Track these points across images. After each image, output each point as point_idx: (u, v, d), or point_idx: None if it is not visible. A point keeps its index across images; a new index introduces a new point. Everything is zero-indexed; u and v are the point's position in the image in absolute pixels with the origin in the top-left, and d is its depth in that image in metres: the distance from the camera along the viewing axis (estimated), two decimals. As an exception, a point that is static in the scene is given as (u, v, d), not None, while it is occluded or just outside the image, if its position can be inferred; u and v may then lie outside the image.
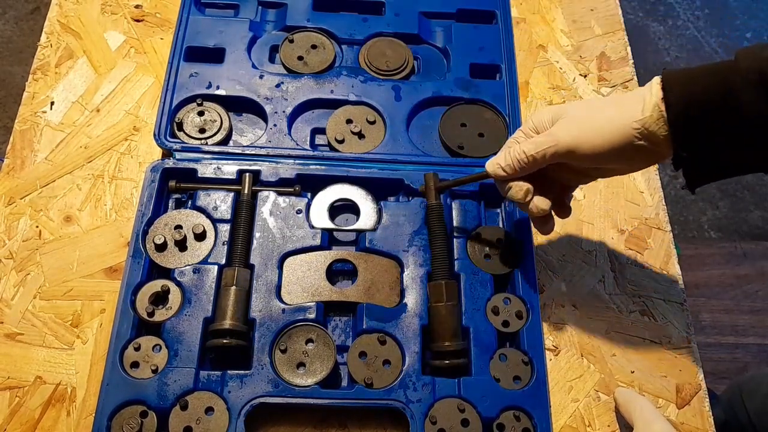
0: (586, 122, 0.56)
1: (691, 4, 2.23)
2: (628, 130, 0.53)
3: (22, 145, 0.77)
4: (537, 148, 0.58)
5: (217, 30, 0.82)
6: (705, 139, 0.52)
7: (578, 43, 0.91)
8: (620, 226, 0.78)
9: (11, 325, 0.67)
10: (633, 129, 0.53)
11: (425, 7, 0.87)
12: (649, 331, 0.72)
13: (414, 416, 0.61)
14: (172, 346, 0.63)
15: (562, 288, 0.74)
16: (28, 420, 0.63)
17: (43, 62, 0.83)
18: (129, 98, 0.81)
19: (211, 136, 0.76)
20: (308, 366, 0.63)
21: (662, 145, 0.53)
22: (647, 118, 0.52)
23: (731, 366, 1.57)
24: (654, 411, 0.61)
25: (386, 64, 0.82)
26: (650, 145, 0.53)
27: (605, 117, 0.55)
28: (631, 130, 0.53)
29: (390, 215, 0.72)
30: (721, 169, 0.55)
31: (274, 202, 0.72)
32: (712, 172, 0.55)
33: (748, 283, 1.69)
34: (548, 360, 0.68)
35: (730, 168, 0.55)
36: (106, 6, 0.88)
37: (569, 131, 0.56)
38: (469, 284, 0.68)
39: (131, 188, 0.76)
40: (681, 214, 1.87)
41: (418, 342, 0.65)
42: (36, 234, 0.72)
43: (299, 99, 0.78)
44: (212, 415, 0.60)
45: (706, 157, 0.54)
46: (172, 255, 0.68)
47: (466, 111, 0.80)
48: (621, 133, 0.54)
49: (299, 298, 0.67)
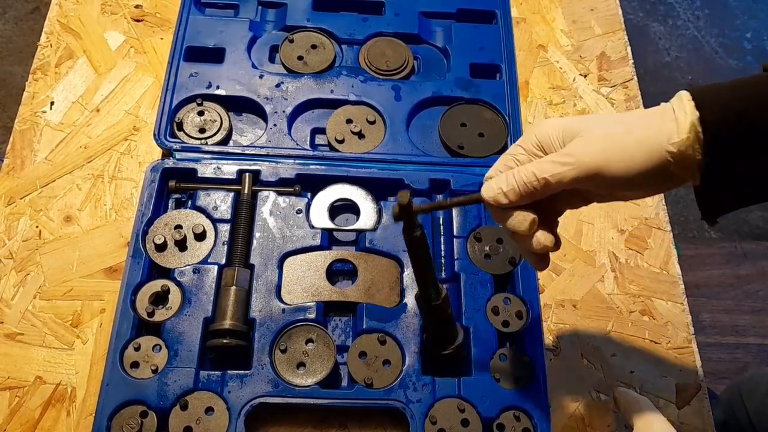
0: (613, 143, 0.49)
1: (691, 4, 2.23)
2: (662, 154, 0.47)
3: (22, 145, 0.77)
4: (553, 170, 0.49)
5: (217, 30, 0.82)
6: (741, 159, 0.46)
7: (578, 43, 0.91)
8: (620, 226, 0.78)
9: (11, 325, 0.67)
10: (667, 153, 0.46)
11: (425, 7, 0.87)
12: (649, 331, 0.72)
13: (414, 416, 0.61)
14: (172, 346, 0.63)
15: (562, 288, 0.74)
16: (28, 420, 0.63)
17: (43, 62, 0.83)
18: (129, 98, 0.81)
19: (211, 136, 0.76)
20: (308, 366, 0.63)
21: (691, 168, 0.47)
22: (684, 140, 0.46)
23: (731, 366, 1.57)
24: (654, 411, 0.61)
25: (386, 64, 0.82)
26: (680, 170, 0.47)
27: (634, 138, 0.48)
28: (665, 153, 0.46)
29: (390, 215, 0.72)
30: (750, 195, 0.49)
31: (274, 202, 0.72)
32: (739, 197, 0.49)
33: (748, 283, 1.69)
34: (548, 360, 0.68)
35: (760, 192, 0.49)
36: (106, 6, 0.88)
37: (592, 153, 0.49)
38: (469, 284, 0.68)
39: (131, 188, 0.76)
40: (681, 214, 1.87)
41: (418, 342, 0.65)
42: (36, 234, 0.72)
43: (299, 99, 0.78)
44: (212, 415, 0.60)
45: (737, 182, 0.48)
46: (172, 255, 0.68)
47: (466, 111, 0.80)
48: (654, 157, 0.47)
49: (299, 298, 0.67)
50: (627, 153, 0.48)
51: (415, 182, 0.74)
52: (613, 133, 0.49)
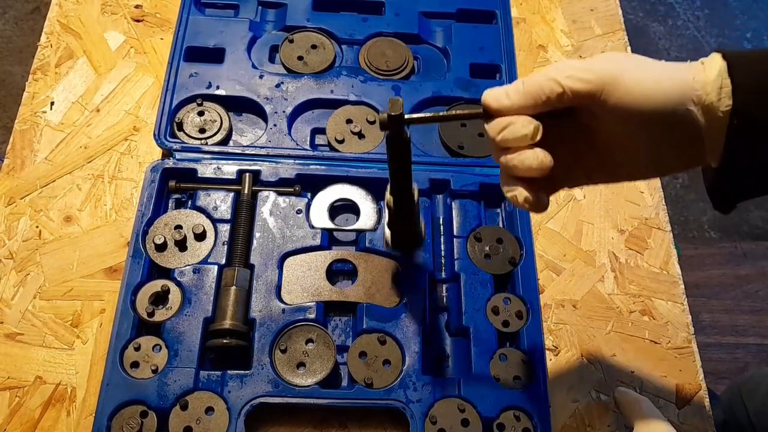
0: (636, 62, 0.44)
1: (691, 4, 2.23)
2: (687, 88, 0.42)
3: (22, 145, 0.77)
4: (564, 73, 0.44)
5: (217, 30, 0.82)
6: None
7: (578, 43, 0.91)
8: (620, 226, 0.78)
9: (11, 325, 0.67)
10: (692, 88, 0.42)
11: (425, 7, 0.87)
12: (649, 331, 0.72)
13: (414, 416, 0.61)
14: (172, 346, 0.63)
15: (562, 288, 0.74)
16: (28, 420, 0.63)
17: (43, 62, 0.83)
18: (129, 98, 0.81)
19: (211, 136, 0.76)
20: (308, 366, 0.63)
21: (713, 130, 0.42)
22: (710, 81, 0.41)
23: (731, 366, 1.57)
24: (654, 411, 0.61)
25: (386, 64, 0.82)
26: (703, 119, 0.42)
27: (660, 65, 0.44)
28: (691, 89, 0.42)
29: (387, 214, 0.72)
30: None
31: (274, 202, 0.72)
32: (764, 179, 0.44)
33: (748, 283, 1.69)
34: (548, 360, 0.68)
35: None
36: (106, 6, 0.88)
37: (611, 63, 0.44)
38: (469, 284, 0.68)
39: (131, 188, 0.76)
40: (681, 214, 1.87)
41: (418, 342, 0.65)
42: (36, 234, 0.72)
43: (299, 99, 0.78)
44: (212, 415, 0.60)
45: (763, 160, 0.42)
46: (172, 255, 0.68)
47: (466, 111, 0.80)
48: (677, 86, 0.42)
49: (299, 298, 0.67)
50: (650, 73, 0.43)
51: (416, 182, 0.73)
52: (638, 58, 0.44)
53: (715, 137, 0.42)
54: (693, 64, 0.43)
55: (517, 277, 0.70)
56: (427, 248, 0.70)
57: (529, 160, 0.45)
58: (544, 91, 0.44)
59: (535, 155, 0.44)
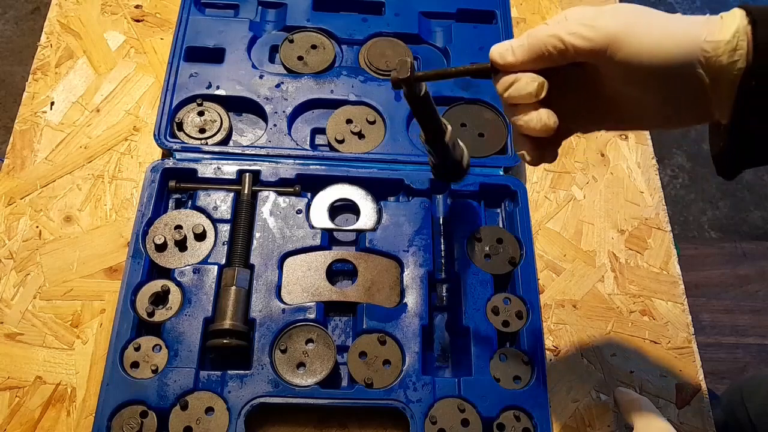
0: (647, 17, 0.43)
1: (691, 4, 2.23)
2: (695, 47, 0.40)
3: (22, 145, 0.77)
4: (569, 29, 0.43)
5: (217, 30, 0.82)
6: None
7: (578, 43, 0.91)
8: (620, 226, 0.78)
9: (11, 325, 0.67)
10: (701, 49, 0.40)
11: (425, 7, 0.87)
12: (649, 331, 0.72)
13: (414, 416, 0.61)
14: (172, 346, 0.63)
15: (562, 288, 0.74)
16: (28, 420, 0.63)
17: (43, 62, 0.83)
18: (129, 98, 0.81)
19: (211, 136, 0.76)
20: (308, 366, 0.63)
21: (721, 91, 0.41)
22: (723, 42, 0.39)
23: (731, 366, 1.57)
24: (654, 411, 0.61)
25: (386, 64, 0.82)
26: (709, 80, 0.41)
27: (670, 21, 0.42)
28: (699, 50, 0.40)
29: (390, 215, 0.72)
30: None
31: (274, 202, 0.72)
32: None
33: (748, 283, 1.69)
34: (548, 360, 0.68)
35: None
36: (106, 6, 0.88)
37: (619, 18, 0.42)
38: (469, 284, 0.68)
39: (131, 188, 0.76)
40: (681, 214, 1.87)
41: (418, 342, 0.65)
42: (36, 234, 0.72)
43: (299, 99, 0.78)
44: (212, 415, 0.60)
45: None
46: (172, 255, 0.68)
47: (466, 111, 0.80)
48: (683, 47, 0.41)
49: (299, 298, 0.67)
50: (657, 30, 0.42)
51: (415, 182, 0.74)
52: (650, 13, 0.43)
53: (724, 98, 0.41)
54: (711, 19, 0.42)
55: (517, 277, 0.70)
56: (428, 248, 0.70)
57: (533, 122, 0.46)
58: (548, 48, 0.44)
59: (539, 117, 0.45)
